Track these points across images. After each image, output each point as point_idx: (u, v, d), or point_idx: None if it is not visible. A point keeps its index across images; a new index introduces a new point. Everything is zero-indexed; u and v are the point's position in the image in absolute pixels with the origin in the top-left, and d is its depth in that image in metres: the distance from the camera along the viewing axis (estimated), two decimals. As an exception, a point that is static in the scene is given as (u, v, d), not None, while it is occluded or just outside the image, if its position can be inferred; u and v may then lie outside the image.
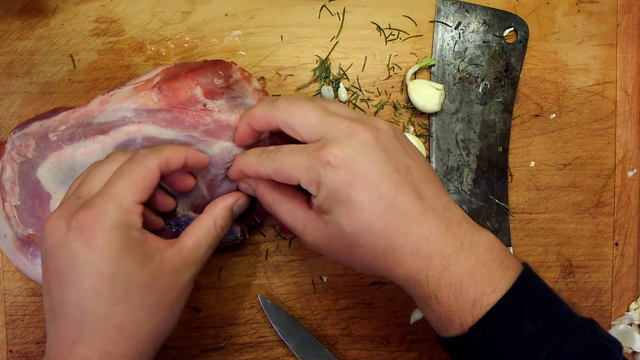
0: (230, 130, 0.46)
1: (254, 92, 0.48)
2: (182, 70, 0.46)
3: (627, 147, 0.57)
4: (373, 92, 0.54)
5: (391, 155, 0.38)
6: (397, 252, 0.37)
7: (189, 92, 0.45)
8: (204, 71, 0.46)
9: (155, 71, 0.47)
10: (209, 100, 0.45)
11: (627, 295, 0.58)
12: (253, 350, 0.53)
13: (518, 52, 0.54)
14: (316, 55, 0.53)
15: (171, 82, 0.45)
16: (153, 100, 0.45)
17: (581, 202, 0.57)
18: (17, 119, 0.51)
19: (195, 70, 0.46)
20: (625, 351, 0.57)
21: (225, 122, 0.46)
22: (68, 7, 0.51)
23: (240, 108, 0.46)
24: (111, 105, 0.45)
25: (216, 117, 0.45)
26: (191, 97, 0.45)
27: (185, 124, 0.45)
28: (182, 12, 0.52)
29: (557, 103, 0.56)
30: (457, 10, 0.54)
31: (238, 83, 0.47)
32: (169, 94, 0.45)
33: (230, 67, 0.47)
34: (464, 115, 0.54)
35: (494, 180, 0.54)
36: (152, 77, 0.46)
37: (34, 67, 0.51)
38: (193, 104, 0.45)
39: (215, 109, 0.46)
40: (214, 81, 0.46)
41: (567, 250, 0.56)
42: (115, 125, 0.45)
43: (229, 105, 0.46)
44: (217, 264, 0.52)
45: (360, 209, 0.37)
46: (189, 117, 0.45)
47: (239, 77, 0.47)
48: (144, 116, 0.45)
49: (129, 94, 0.46)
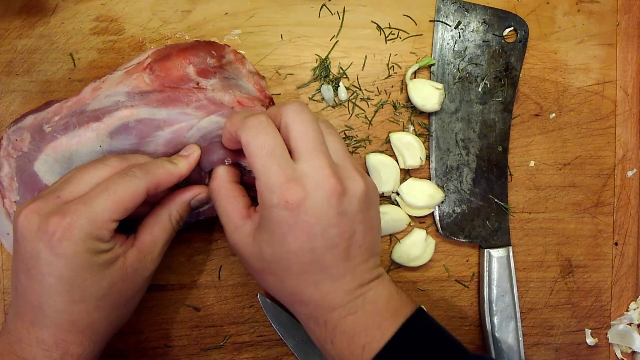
0: (223, 108, 0.45)
1: (248, 75, 0.48)
2: (174, 50, 0.46)
3: (626, 147, 0.57)
4: (373, 91, 0.54)
5: (344, 220, 0.39)
6: (304, 295, 0.40)
7: (181, 71, 0.45)
8: (196, 50, 0.46)
9: (146, 53, 0.46)
10: (202, 79, 0.45)
11: (626, 295, 0.58)
12: (252, 349, 0.53)
13: (518, 52, 0.55)
14: (316, 55, 0.53)
15: (163, 62, 0.45)
16: (145, 81, 0.45)
17: (581, 202, 0.57)
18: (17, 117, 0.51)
19: (187, 50, 0.46)
20: (625, 351, 0.57)
21: (219, 100, 0.45)
22: (68, 6, 0.51)
23: (235, 89, 0.46)
24: (104, 91, 0.45)
25: (210, 95, 0.45)
26: (184, 75, 0.45)
27: (178, 102, 0.45)
28: (182, 11, 0.52)
29: (556, 102, 0.56)
30: (457, 10, 0.54)
31: (231, 64, 0.47)
32: (161, 73, 0.45)
33: (224, 48, 0.47)
34: (463, 114, 0.54)
35: (493, 180, 0.54)
36: (143, 59, 0.46)
37: (34, 65, 0.51)
38: (186, 82, 0.45)
39: (208, 87, 0.45)
40: (206, 60, 0.45)
41: (567, 250, 0.57)
42: (109, 111, 0.45)
43: (223, 85, 0.46)
44: (217, 263, 0.53)
45: (288, 249, 0.38)
46: (181, 95, 0.45)
47: (232, 59, 0.47)
48: (137, 99, 0.44)
49: (121, 78, 0.45)
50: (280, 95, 0.53)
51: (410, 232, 0.54)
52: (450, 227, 0.54)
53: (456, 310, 0.55)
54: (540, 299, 0.56)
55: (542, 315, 0.56)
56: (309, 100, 0.53)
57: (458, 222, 0.54)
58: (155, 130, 0.45)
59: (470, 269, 0.55)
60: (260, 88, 0.48)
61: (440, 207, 0.54)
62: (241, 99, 0.46)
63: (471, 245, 0.55)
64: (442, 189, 0.54)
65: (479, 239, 0.54)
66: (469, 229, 0.54)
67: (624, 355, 0.57)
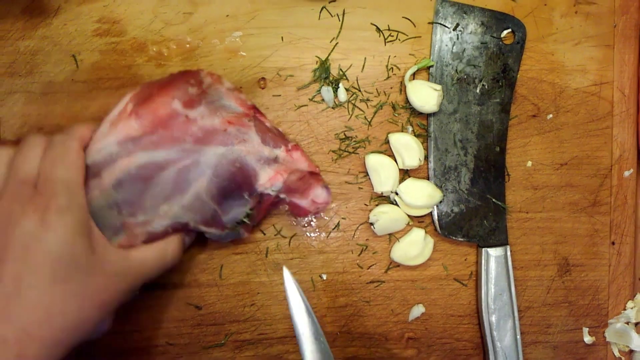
0: (218, 134, 0.46)
1: (227, 92, 0.48)
2: (153, 89, 0.46)
3: (623, 147, 0.57)
4: (372, 92, 0.54)
5: None
6: None
7: (168, 108, 0.45)
8: (175, 84, 0.46)
9: (125, 100, 0.46)
10: (189, 110, 0.45)
11: (623, 294, 0.58)
12: (253, 347, 0.54)
13: (515, 53, 0.55)
14: (316, 56, 0.53)
15: (147, 104, 0.45)
16: (134, 127, 0.44)
17: (578, 202, 0.57)
18: (20, 118, 0.51)
19: (167, 86, 0.46)
20: (622, 349, 0.57)
21: (211, 127, 0.46)
22: (70, 8, 0.51)
23: (221, 110, 0.47)
24: (93, 146, 0.45)
25: (201, 124, 0.46)
26: (171, 112, 0.45)
27: (174, 140, 0.45)
28: (183, 13, 0.52)
29: (554, 103, 0.56)
30: (455, 12, 0.54)
31: (211, 87, 0.47)
32: (148, 116, 0.45)
33: (199, 73, 0.47)
34: (461, 115, 0.54)
35: (491, 180, 0.55)
36: (124, 106, 0.45)
37: (36, 66, 0.51)
38: (175, 118, 0.45)
39: (197, 117, 0.46)
40: (188, 91, 0.46)
41: (564, 249, 0.57)
42: (105, 165, 0.44)
43: (209, 110, 0.46)
44: (218, 262, 0.53)
45: None
46: (175, 132, 0.45)
47: (210, 81, 0.47)
48: (131, 146, 0.44)
49: (108, 130, 0.45)
50: (281, 97, 0.53)
51: (409, 231, 0.54)
52: (448, 226, 0.54)
53: (454, 309, 0.56)
54: (537, 298, 0.57)
55: (540, 314, 0.57)
56: (309, 102, 0.53)
57: (456, 221, 0.55)
58: (159, 171, 0.45)
59: (468, 268, 0.56)
60: (242, 102, 0.48)
61: (438, 206, 0.54)
62: (230, 119, 0.47)
63: (469, 245, 0.56)
64: (440, 189, 0.54)
65: (477, 238, 0.55)
66: (467, 229, 0.55)
67: (621, 353, 0.58)
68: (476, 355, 0.56)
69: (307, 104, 0.53)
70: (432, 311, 0.55)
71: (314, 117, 0.53)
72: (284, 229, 0.53)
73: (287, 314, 0.54)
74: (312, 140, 0.53)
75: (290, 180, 0.48)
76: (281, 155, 0.48)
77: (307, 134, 0.53)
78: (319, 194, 0.50)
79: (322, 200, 0.50)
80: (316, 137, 0.53)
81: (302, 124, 0.53)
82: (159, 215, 0.46)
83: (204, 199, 0.46)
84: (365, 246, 0.54)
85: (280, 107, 0.53)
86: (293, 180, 0.48)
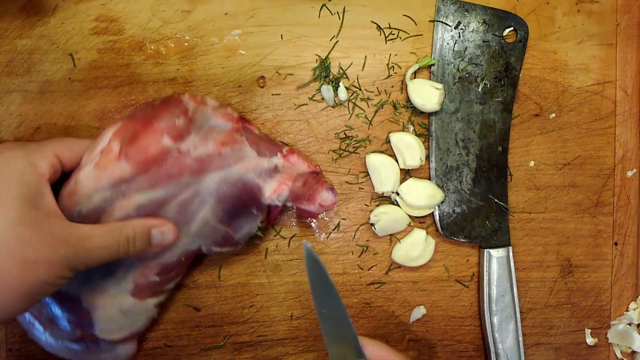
0: (213, 159, 0.44)
1: (214, 111, 0.46)
2: (137, 125, 0.43)
3: (626, 147, 0.57)
4: (373, 91, 0.54)
5: None
6: None
7: (158, 146, 0.43)
8: (160, 117, 0.43)
9: (106, 137, 0.43)
10: (179, 143, 0.43)
11: (626, 295, 0.58)
12: (252, 349, 0.53)
13: (518, 52, 0.55)
14: (316, 55, 0.53)
15: (135, 143, 0.42)
16: (125, 170, 0.42)
17: (580, 202, 0.57)
18: (17, 117, 0.51)
19: (152, 120, 0.43)
20: (624, 351, 0.57)
21: (205, 154, 0.44)
22: (68, 6, 0.51)
23: (211, 133, 0.45)
24: (83, 192, 0.42)
25: (194, 155, 0.44)
26: (162, 149, 0.43)
27: (169, 177, 0.43)
28: (182, 11, 0.52)
29: (556, 103, 0.56)
30: (457, 10, 0.54)
31: (197, 111, 0.45)
32: (138, 156, 0.42)
33: (181, 100, 0.45)
34: (463, 114, 0.54)
35: (493, 180, 0.54)
36: (107, 145, 0.43)
37: (33, 65, 0.51)
38: (167, 155, 0.43)
39: (190, 148, 0.44)
40: (175, 123, 0.43)
41: (567, 250, 0.57)
42: (102, 210, 0.42)
43: (200, 137, 0.45)
44: (217, 263, 0.53)
45: None
46: (169, 169, 0.43)
47: (194, 105, 0.45)
48: (125, 188, 0.42)
49: (95, 174, 0.42)
50: (280, 95, 0.53)
51: (410, 232, 0.54)
52: (450, 227, 0.54)
53: (456, 310, 0.55)
54: (540, 299, 0.56)
55: (542, 315, 0.56)
56: (309, 100, 0.53)
57: (458, 222, 0.54)
58: (160, 208, 0.44)
59: (470, 269, 0.55)
60: (229, 117, 0.47)
61: (440, 207, 0.54)
62: (222, 140, 0.45)
63: (471, 245, 0.55)
64: (442, 189, 0.54)
65: (478, 239, 0.54)
66: (468, 229, 0.54)
67: (623, 355, 0.57)
68: (478, 357, 0.56)
69: (307, 103, 0.53)
70: (434, 313, 0.55)
71: (313, 116, 0.53)
72: (283, 230, 0.53)
73: (286, 315, 0.53)
74: (312, 140, 0.53)
75: (295, 187, 0.48)
76: (279, 162, 0.47)
77: (307, 133, 0.53)
78: (326, 197, 0.50)
79: (330, 202, 0.50)
80: (316, 137, 0.53)
81: (301, 123, 0.53)
82: (169, 250, 0.45)
83: (213, 224, 0.46)
84: (365, 247, 0.54)
85: (280, 106, 0.53)
86: (298, 187, 0.48)
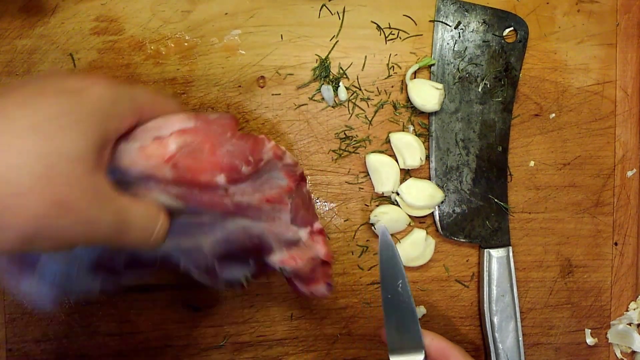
0: (250, 210, 0.40)
1: (283, 168, 0.42)
2: (205, 145, 0.38)
3: (626, 147, 0.57)
4: (373, 91, 0.54)
5: None
6: None
7: (210, 178, 0.38)
8: (231, 155, 0.38)
9: (170, 127, 0.38)
10: (231, 186, 0.39)
11: (626, 295, 0.58)
12: (252, 349, 0.53)
13: (518, 52, 0.55)
14: (316, 55, 0.53)
15: (190, 161, 0.37)
16: (165, 175, 0.37)
17: (580, 202, 0.57)
18: (17, 117, 0.51)
19: (220, 154, 0.38)
20: (625, 351, 0.57)
21: (246, 204, 0.40)
22: (68, 6, 0.51)
23: (266, 185, 0.41)
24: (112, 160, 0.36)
25: (237, 200, 0.40)
26: (211, 182, 0.38)
27: (200, 203, 0.39)
28: (182, 11, 0.52)
29: (556, 103, 0.56)
30: (457, 10, 0.54)
31: (268, 163, 0.40)
32: (186, 175, 0.37)
33: (263, 147, 0.40)
34: (463, 114, 0.54)
35: (493, 180, 0.54)
36: (165, 137, 0.37)
37: (33, 65, 0.51)
38: (213, 188, 0.38)
39: (237, 193, 0.40)
40: (239, 168, 0.39)
41: (567, 250, 0.57)
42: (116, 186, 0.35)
43: (253, 186, 0.40)
44: (217, 263, 0.53)
45: None
46: (205, 199, 0.39)
47: (270, 157, 0.40)
48: (152, 184, 0.38)
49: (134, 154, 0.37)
50: (280, 95, 0.53)
51: (410, 232, 0.54)
52: (450, 227, 0.54)
53: (456, 310, 0.55)
54: (540, 299, 0.56)
55: (542, 315, 0.56)
56: (309, 100, 0.53)
57: (458, 222, 0.54)
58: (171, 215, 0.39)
59: (470, 269, 0.55)
60: (292, 175, 0.42)
61: (440, 207, 0.54)
62: (269, 197, 0.41)
63: (471, 245, 0.55)
64: (442, 189, 0.53)
65: (478, 239, 0.54)
66: (468, 229, 0.54)
67: (623, 355, 0.57)
68: (478, 357, 0.56)
69: (307, 103, 0.53)
70: (433, 313, 0.55)
71: (313, 116, 0.53)
72: (284, 230, 0.53)
73: (286, 315, 0.53)
74: (312, 140, 0.53)
75: (302, 269, 0.45)
76: (304, 237, 0.44)
77: (307, 133, 0.53)
78: (321, 290, 0.47)
79: (321, 294, 0.47)
80: (316, 137, 0.53)
81: (301, 123, 0.53)
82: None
83: (205, 253, 0.42)
84: (365, 247, 0.54)
85: (280, 106, 0.53)
86: (304, 270, 0.45)
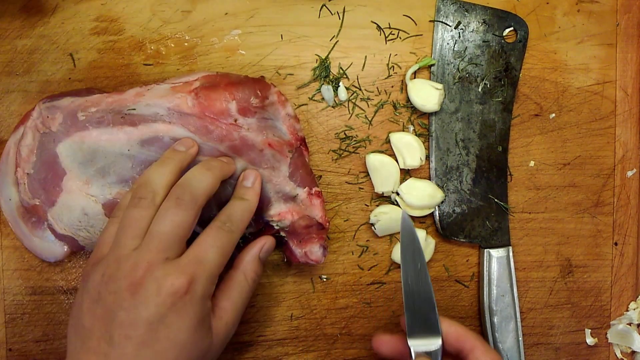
0: (252, 150, 0.46)
1: (285, 117, 0.48)
2: (222, 81, 0.47)
3: (626, 147, 0.57)
4: (373, 91, 0.54)
5: None
6: None
7: (224, 105, 0.46)
8: (242, 87, 0.46)
9: (196, 75, 0.47)
10: (240, 117, 0.46)
11: (626, 295, 0.58)
12: (252, 349, 0.53)
13: (518, 52, 0.55)
14: (316, 55, 0.53)
15: (209, 91, 0.46)
16: (188, 104, 0.45)
17: (580, 202, 0.57)
18: (17, 117, 0.51)
19: (234, 85, 0.46)
20: (625, 351, 0.57)
21: (251, 142, 0.46)
22: (68, 6, 0.51)
23: (269, 130, 0.47)
24: (146, 99, 0.46)
25: (243, 134, 0.46)
26: (225, 109, 0.46)
27: (213, 136, 0.46)
28: (182, 11, 0.52)
29: (556, 103, 0.56)
30: (457, 10, 0.54)
31: (272, 105, 0.48)
32: (204, 101, 0.45)
33: (269, 88, 0.48)
34: (463, 114, 0.54)
35: (493, 180, 0.54)
36: (192, 80, 0.47)
37: (33, 65, 0.51)
38: (225, 116, 0.46)
39: (244, 126, 0.46)
40: (250, 99, 0.46)
41: (567, 250, 0.56)
42: (146, 119, 0.45)
43: (259, 126, 0.47)
44: (217, 263, 0.52)
45: None
46: (218, 130, 0.46)
47: (275, 100, 0.48)
48: (175, 117, 0.45)
49: (165, 92, 0.46)
50: (280, 96, 0.53)
51: (410, 232, 0.54)
52: (450, 227, 0.54)
53: (456, 310, 0.55)
54: (540, 299, 0.56)
55: (542, 315, 0.56)
56: (309, 101, 0.53)
57: (458, 222, 0.54)
58: None
59: (470, 269, 0.55)
60: (294, 131, 0.49)
61: (440, 207, 0.54)
62: (272, 142, 0.47)
63: (471, 245, 0.55)
64: (442, 189, 0.53)
65: (478, 239, 0.54)
66: (468, 229, 0.54)
67: (623, 355, 0.57)
68: (478, 357, 0.56)
69: (307, 103, 0.53)
70: (434, 312, 0.55)
71: (313, 116, 0.53)
72: (284, 230, 0.53)
73: (286, 315, 0.53)
74: (312, 140, 0.53)
75: (298, 224, 0.48)
76: (301, 195, 0.48)
77: (307, 133, 0.53)
78: (315, 251, 0.49)
79: (315, 257, 0.49)
80: (316, 137, 0.53)
81: (301, 123, 0.53)
82: None
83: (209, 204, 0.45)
84: (365, 247, 0.54)
85: (280, 106, 0.53)
86: (300, 225, 0.48)
